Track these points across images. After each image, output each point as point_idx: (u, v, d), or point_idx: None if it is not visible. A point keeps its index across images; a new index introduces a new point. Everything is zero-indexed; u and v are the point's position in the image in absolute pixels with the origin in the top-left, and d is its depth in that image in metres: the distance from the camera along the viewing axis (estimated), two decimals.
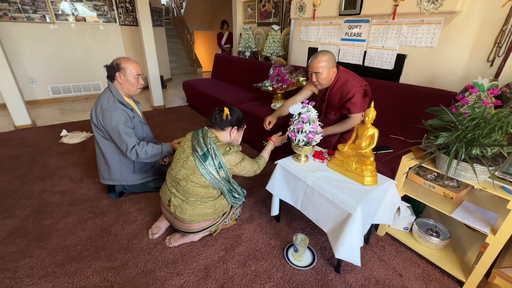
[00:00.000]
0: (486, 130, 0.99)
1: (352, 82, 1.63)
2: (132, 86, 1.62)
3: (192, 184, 1.27)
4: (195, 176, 1.25)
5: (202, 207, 1.32)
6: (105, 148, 1.65)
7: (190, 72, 7.53)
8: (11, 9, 3.61)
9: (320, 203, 1.26)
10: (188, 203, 1.31)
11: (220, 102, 3.07)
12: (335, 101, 1.71)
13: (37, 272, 1.27)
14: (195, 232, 1.40)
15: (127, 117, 1.57)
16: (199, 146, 1.26)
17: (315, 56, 1.60)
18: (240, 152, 1.35)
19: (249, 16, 4.24)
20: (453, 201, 1.28)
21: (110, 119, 1.51)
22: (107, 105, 1.54)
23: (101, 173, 1.75)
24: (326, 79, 1.64)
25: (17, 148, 2.57)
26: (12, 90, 2.93)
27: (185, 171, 1.28)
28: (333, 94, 1.70)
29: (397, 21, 2.00)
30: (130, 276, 1.26)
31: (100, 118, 1.54)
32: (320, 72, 1.60)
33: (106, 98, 1.57)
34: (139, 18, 3.54)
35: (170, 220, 1.42)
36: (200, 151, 1.25)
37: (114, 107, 1.53)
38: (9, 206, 1.73)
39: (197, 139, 1.30)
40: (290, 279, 1.27)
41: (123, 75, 1.57)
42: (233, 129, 1.36)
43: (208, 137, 1.28)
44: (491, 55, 1.62)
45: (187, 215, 1.31)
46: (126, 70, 1.56)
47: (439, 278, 1.29)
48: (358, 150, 1.24)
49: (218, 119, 1.32)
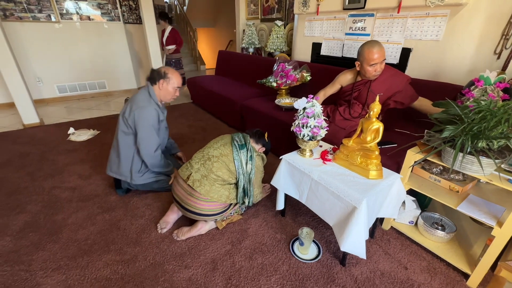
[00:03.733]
0: (492, 123, 0.98)
1: (400, 74, 1.70)
2: (168, 95, 1.71)
3: (222, 164, 1.41)
4: (228, 158, 1.43)
5: (219, 187, 1.43)
6: (123, 143, 1.69)
7: (194, 69, 7.54)
8: (17, 9, 3.66)
9: (326, 197, 1.27)
10: (208, 179, 1.40)
11: (225, 98, 3.08)
12: (381, 90, 1.70)
13: (50, 265, 1.31)
14: (203, 214, 1.43)
15: (158, 119, 1.67)
16: (239, 139, 1.48)
17: (377, 44, 1.59)
18: (263, 163, 1.60)
19: (252, 12, 4.22)
20: (458, 195, 1.28)
21: (144, 116, 1.60)
22: (143, 103, 1.62)
23: (110, 165, 1.79)
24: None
25: (27, 146, 2.63)
26: (21, 89, 2.99)
27: (220, 151, 1.45)
28: (380, 83, 1.71)
29: (402, 15, 1.98)
30: (139, 269, 1.29)
31: (135, 114, 1.60)
32: (385, 59, 1.63)
33: (143, 97, 1.66)
34: (142, 16, 3.56)
35: (183, 199, 1.42)
36: (239, 141, 1.47)
37: (151, 106, 1.63)
38: (21, 202, 1.78)
39: (237, 135, 1.52)
40: (296, 271, 1.29)
41: (166, 83, 1.66)
42: (262, 148, 1.67)
43: (248, 140, 1.51)
44: (498, 48, 1.60)
45: (204, 190, 1.39)
46: (170, 80, 1.66)
47: (444, 271, 1.29)
48: (363, 144, 1.24)
49: (258, 135, 1.64)
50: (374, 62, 1.60)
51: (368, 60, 1.61)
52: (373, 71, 1.63)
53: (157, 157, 1.70)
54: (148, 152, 1.66)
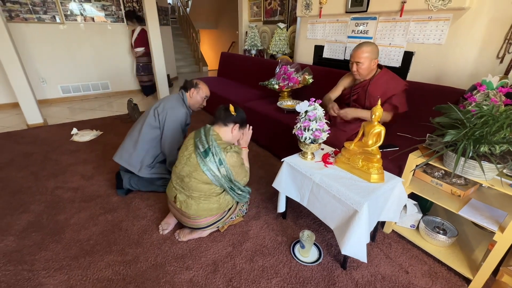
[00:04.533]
0: (494, 128, 0.98)
1: (399, 81, 1.69)
2: (196, 103, 1.88)
3: (195, 181, 1.29)
4: (197, 173, 1.28)
5: (206, 203, 1.35)
6: (146, 135, 1.76)
7: (196, 70, 7.58)
8: (23, 10, 3.70)
9: (327, 200, 1.27)
10: (192, 198, 1.34)
11: (227, 100, 3.09)
12: (377, 95, 1.69)
13: (53, 265, 1.32)
14: (202, 228, 1.43)
15: (185, 122, 1.82)
16: (201, 143, 1.30)
17: (359, 46, 1.64)
18: (239, 154, 1.36)
19: (255, 14, 4.24)
20: (460, 199, 1.28)
21: (176, 116, 1.74)
22: (177, 103, 1.78)
23: (121, 153, 1.82)
24: (366, 70, 1.66)
25: (30, 146, 2.65)
26: (25, 90, 3.02)
27: (188, 168, 1.31)
28: (377, 87, 1.70)
29: (404, 18, 1.99)
30: (141, 270, 1.30)
31: (167, 112, 1.73)
32: (361, 62, 1.63)
33: (177, 99, 1.81)
34: (146, 17, 3.59)
35: (178, 217, 1.45)
36: (202, 148, 1.29)
37: (183, 109, 1.78)
38: (24, 202, 1.80)
39: (199, 136, 1.34)
40: (297, 274, 1.29)
41: (196, 92, 1.84)
42: (235, 126, 1.40)
43: (210, 135, 1.32)
44: (501, 52, 1.60)
45: (193, 210, 1.34)
46: (200, 90, 1.85)
47: (445, 276, 1.29)
48: (365, 148, 1.25)
49: (223, 114, 1.38)
50: (351, 60, 1.70)
51: (350, 56, 1.73)
52: (354, 68, 1.69)
53: (176, 155, 1.73)
54: (171, 149, 1.76)
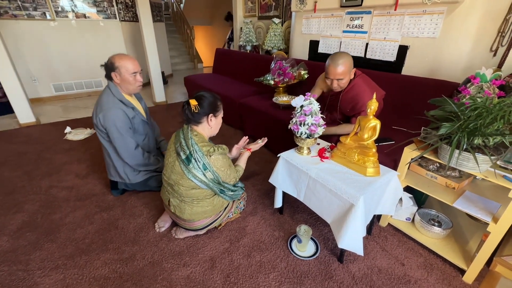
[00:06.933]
0: (488, 120, 0.99)
1: (368, 95, 1.53)
2: (130, 85, 1.55)
3: (184, 188, 1.26)
4: (184, 180, 1.24)
5: (199, 206, 1.32)
6: (107, 146, 1.64)
7: (191, 67, 7.51)
8: (12, 6, 3.60)
9: (323, 195, 1.27)
10: (185, 203, 1.32)
11: (222, 96, 3.03)
12: (347, 108, 1.67)
13: (48, 264, 1.30)
14: (199, 229, 1.42)
15: (126, 118, 1.54)
16: (182, 149, 1.21)
17: (334, 62, 1.51)
18: (225, 155, 1.29)
19: (250, 9, 4.20)
20: (455, 191, 1.29)
21: (110, 119, 1.48)
22: (106, 105, 1.49)
23: (108, 169, 1.77)
24: (347, 82, 1.60)
25: (23, 145, 2.61)
26: (16, 88, 2.96)
27: (174, 176, 1.26)
28: (347, 100, 1.64)
29: (399, 12, 1.99)
30: (138, 268, 1.29)
31: (100, 118, 1.49)
32: (342, 78, 1.55)
33: (106, 98, 1.53)
34: (139, 13, 3.53)
35: (173, 218, 1.45)
36: (183, 154, 1.20)
37: (115, 108, 1.49)
38: (18, 201, 1.77)
39: (179, 141, 1.24)
40: (294, 269, 1.30)
41: (118, 74, 1.50)
42: (209, 117, 1.26)
43: (189, 138, 1.21)
44: (495, 45, 1.61)
45: (186, 215, 1.32)
46: (121, 69, 1.49)
47: (441, 267, 1.31)
48: (360, 142, 1.25)
49: (189, 115, 1.23)
50: (329, 77, 1.57)
51: (326, 73, 1.60)
52: (335, 85, 1.58)
53: (138, 156, 1.63)
54: (126, 154, 1.59)
